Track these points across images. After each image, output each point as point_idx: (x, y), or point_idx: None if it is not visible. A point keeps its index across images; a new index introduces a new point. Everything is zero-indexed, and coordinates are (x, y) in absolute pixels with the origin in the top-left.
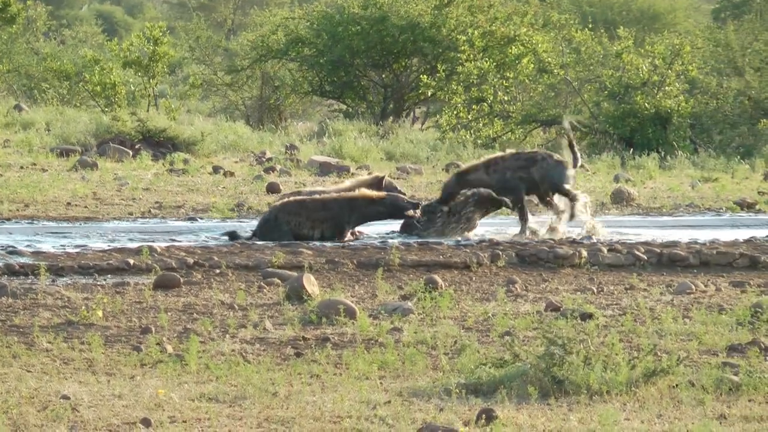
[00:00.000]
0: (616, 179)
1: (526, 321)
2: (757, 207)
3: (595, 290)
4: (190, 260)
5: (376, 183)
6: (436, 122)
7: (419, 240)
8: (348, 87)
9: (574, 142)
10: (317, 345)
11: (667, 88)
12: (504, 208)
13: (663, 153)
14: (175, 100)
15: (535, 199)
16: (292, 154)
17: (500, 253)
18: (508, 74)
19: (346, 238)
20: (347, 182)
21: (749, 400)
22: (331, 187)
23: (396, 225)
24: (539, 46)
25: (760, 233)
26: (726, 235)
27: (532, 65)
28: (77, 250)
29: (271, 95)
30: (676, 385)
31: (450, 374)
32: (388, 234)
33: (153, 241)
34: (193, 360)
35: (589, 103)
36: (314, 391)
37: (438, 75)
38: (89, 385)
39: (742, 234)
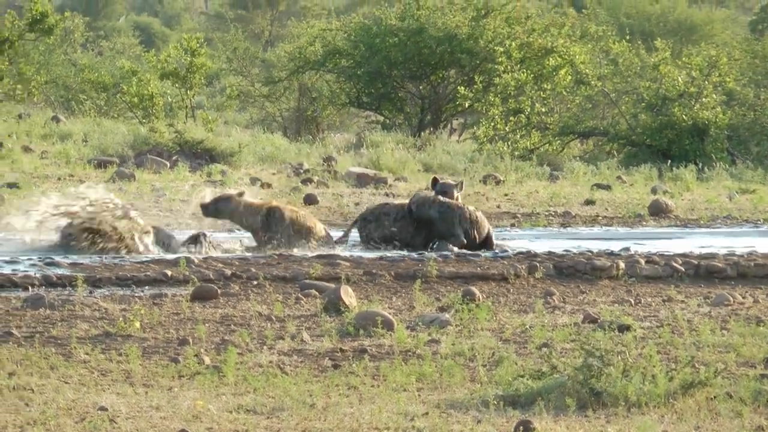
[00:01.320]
0: (654, 191)
1: (564, 333)
2: None
3: (633, 302)
4: (228, 272)
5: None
6: (473, 134)
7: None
8: (385, 98)
9: None
10: (355, 357)
11: (704, 99)
12: None
13: (700, 164)
14: (213, 111)
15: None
16: (330, 166)
17: (538, 264)
18: (545, 86)
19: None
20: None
21: None
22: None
23: None
24: (577, 57)
25: None
26: (764, 247)
27: (570, 77)
28: (115, 261)
29: (308, 107)
30: (714, 397)
31: (488, 386)
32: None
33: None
34: (231, 371)
35: (626, 115)
36: (352, 402)
37: (475, 86)
38: (127, 396)
39: None
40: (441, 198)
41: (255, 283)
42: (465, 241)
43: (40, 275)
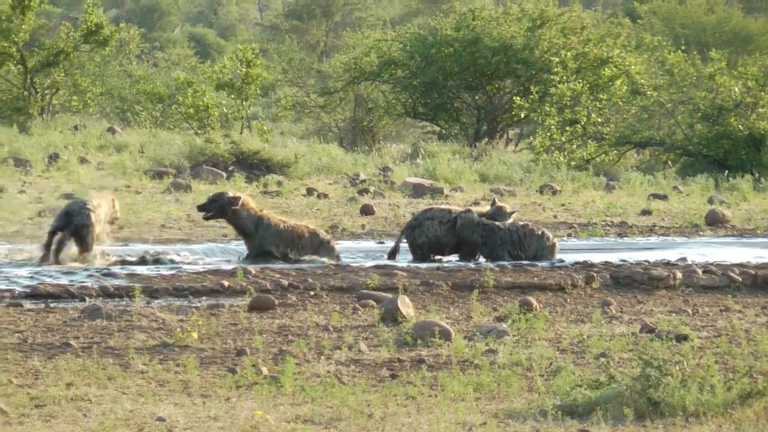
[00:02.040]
0: (710, 201)
1: (622, 343)
2: None
3: (690, 312)
4: (285, 282)
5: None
6: (529, 144)
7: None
8: (441, 109)
9: None
10: (412, 367)
11: (760, 109)
12: None
13: (757, 174)
14: (268, 122)
15: None
16: (386, 176)
17: (595, 274)
18: (601, 96)
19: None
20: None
21: None
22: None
23: None
24: (632, 67)
25: None
26: None
27: (626, 87)
28: (172, 271)
29: (364, 117)
30: None
31: (545, 396)
32: None
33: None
34: (289, 382)
35: (682, 125)
36: (410, 412)
37: (531, 97)
38: (185, 407)
39: None
40: (484, 221)
41: (312, 293)
42: (510, 260)
43: (98, 286)
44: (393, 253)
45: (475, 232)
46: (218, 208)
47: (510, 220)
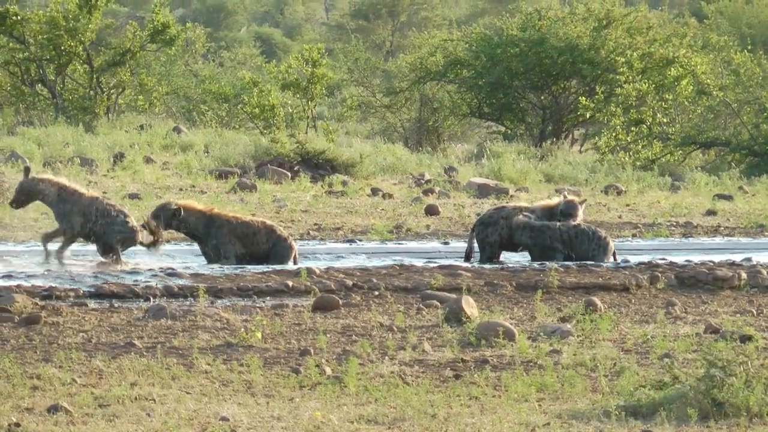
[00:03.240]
0: None
1: (686, 343)
2: None
3: (755, 312)
4: (349, 282)
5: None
6: (594, 144)
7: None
8: (506, 109)
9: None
10: (476, 367)
11: None
12: None
13: None
14: (334, 121)
15: None
16: (451, 176)
17: (659, 275)
18: (666, 96)
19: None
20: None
21: None
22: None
23: None
24: (698, 67)
25: None
26: None
27: (691, 87)
28: (235, 271)
29: (429, 117)
30: None
31: (609, 396)
32: None
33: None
34: (352, 382)
35: (748, 125)
36: (473, 413)
37: (597, 97)
38: (248, 407)
39: None
40: (532, 222)
41: (376, 293)
42: (563, 258)
43: (162, 286)
44: (468, 255)
45: (524, 234)
46: (164, 222)
47: (580, 214)
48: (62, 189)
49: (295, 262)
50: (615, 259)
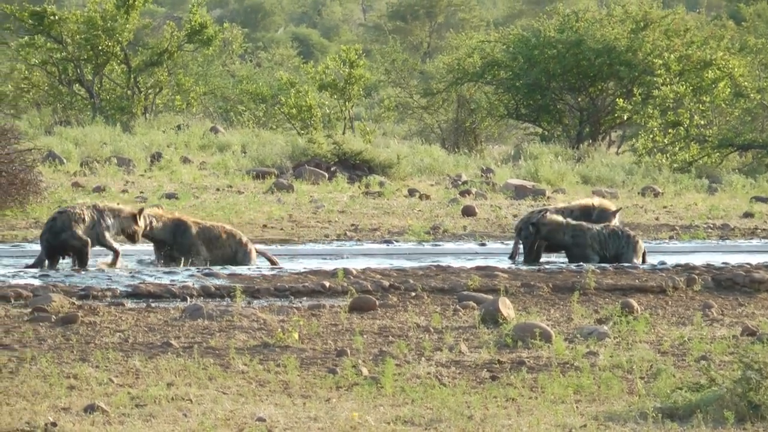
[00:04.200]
0: None
1: (722, 345)
2: None
3: None
4: (386, 283)
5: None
6: (632, 146)
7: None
8: (544, 110)
9: None
10: (512, 368)
11: None
12: None
13: None
14: (371, 122)
15: None
16: (488, 178)
17: (696, 277)
18: (704, 98)
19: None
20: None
21: None
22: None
23: None
24: (735, 70)
25: None
26: None
27: (729, 89)
28: (272, 272)
29: (466, 118)
30: None
31: (646, 398)
32: None
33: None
34: (389, 383)
35: None
36: (510, 414)
37: (634, 99)
38: (285, 407)
39: None
40: (572, 222)
41: (413, 294)
42: (598, 260)
43: (199, 286)
44: (513, 255)
45: (565, 234)
46: (127, 236)
47: (615, 220)
48: None
49: (273, 263)
50: (644, 261)
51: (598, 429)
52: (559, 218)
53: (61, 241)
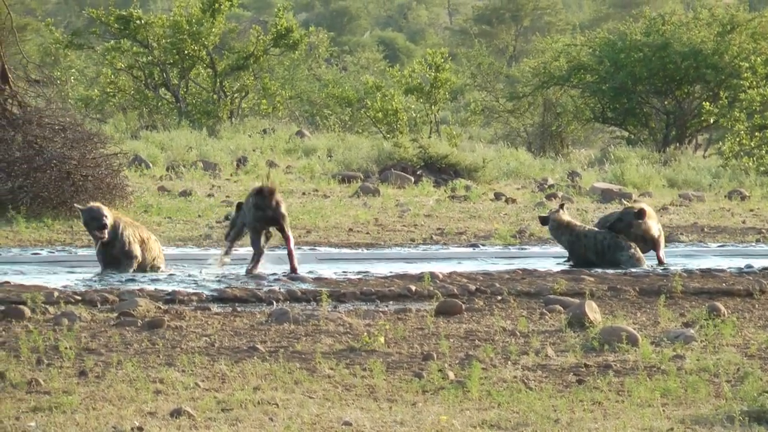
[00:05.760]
0: None
1: None
2: None
3: None
4: (472, 287)
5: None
6: (718, 149)
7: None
8: (630, 114)
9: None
10: (599, 372)
11: None
12: None
13: None
14: (457, 126)
15: None
16: (574, 181)
17: None
18: None
19: None
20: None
21: None
22: None
23: None
24: None
25: None
26: None
27: None
28: (359, 276)
29: (552, 122)
30: None
31: (733, 402)
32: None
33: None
34: (475, 386)
35: None
36: (596, 418)
37: (720, 102)
38: (371, 411)
39: None
40: (573, 223)
41: (499, 298)
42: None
43: (285, 290)
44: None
45: (564, 235)
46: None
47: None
48: None
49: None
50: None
51: None
52: (563, 216)
53: None
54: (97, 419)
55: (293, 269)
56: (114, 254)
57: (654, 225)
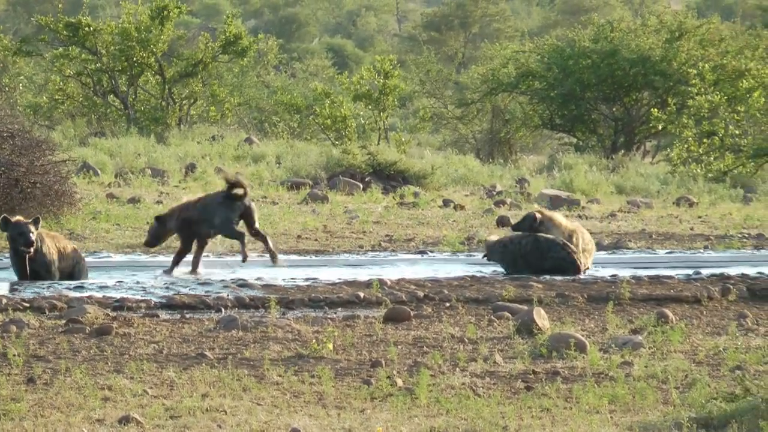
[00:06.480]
0: None
1: (757, 355)
2: None
3: None
4: (421, 293)
5: None
6: (666, 156)
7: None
8: (578, 120)
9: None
10: (547, 379)
11: None
12: None
13: None
14: (406, 133)
15: None
16: (523, 188)
17: (731, 287)
18: (739, 108)
19: None
20: None
21: None
22: None
23: None
24: None
25: None
26: None
27: (763, 99)
28: (307, 283)
29: (501, 128)
30: None
31: (681, 408)
32: None
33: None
34: (423, 393)
35: None
36: (544, 425)
37: (668, 108)
38: (319, 418)
39: None
40: (502, 240)
41: (448, 305)
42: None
43: (233, 297)
44: None
45: (495, 254)
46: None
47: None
48: None
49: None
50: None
51: None
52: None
53: None
54: (46, 426)
55: (272, 252)
56: (34, 268)
57: (558, 232)
